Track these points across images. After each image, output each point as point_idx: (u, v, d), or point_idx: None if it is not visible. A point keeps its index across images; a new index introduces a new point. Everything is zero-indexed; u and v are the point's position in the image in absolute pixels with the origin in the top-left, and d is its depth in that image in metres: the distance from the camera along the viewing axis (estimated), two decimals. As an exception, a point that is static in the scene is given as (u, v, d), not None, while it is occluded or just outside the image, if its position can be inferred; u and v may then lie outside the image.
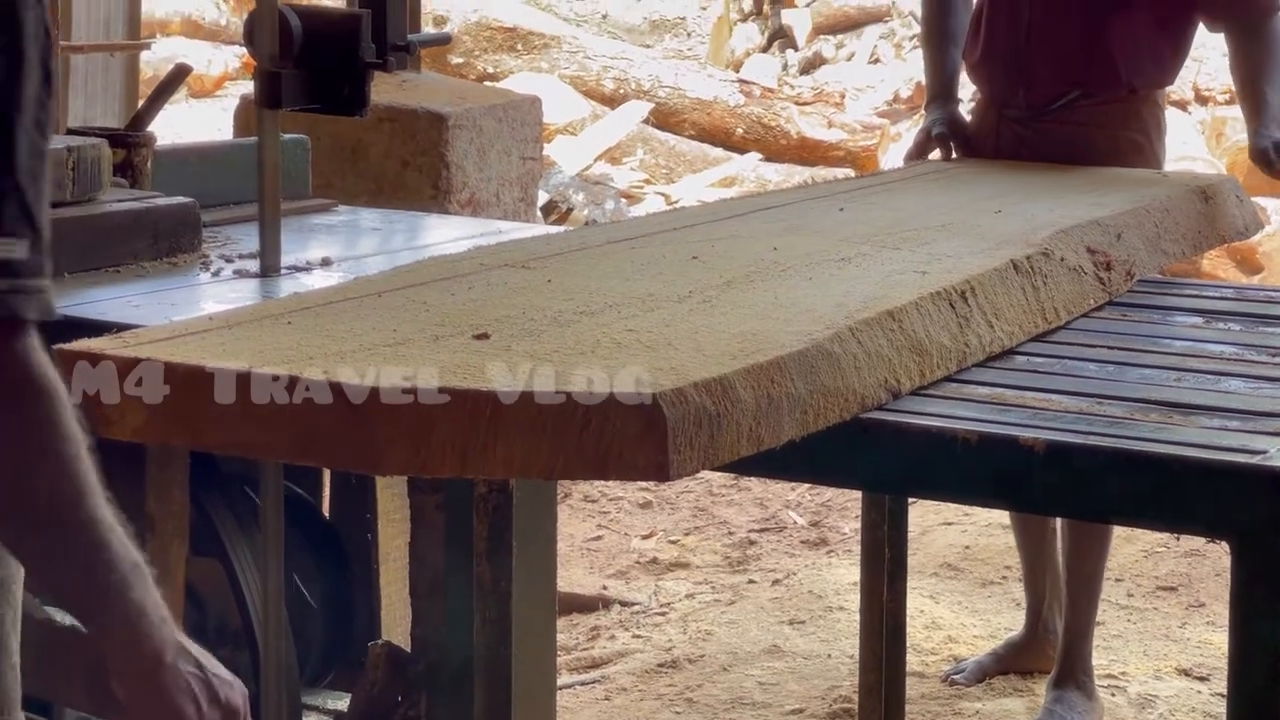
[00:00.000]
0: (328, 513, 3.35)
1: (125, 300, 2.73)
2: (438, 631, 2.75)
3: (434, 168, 5.00)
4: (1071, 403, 2.21)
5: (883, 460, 2.13)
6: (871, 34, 12.38)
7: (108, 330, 2.07)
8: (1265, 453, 1.99)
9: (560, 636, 4.19)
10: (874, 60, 12.18)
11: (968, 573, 5.04)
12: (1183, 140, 8.92)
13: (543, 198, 8.37)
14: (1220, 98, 10.04)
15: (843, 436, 2.07)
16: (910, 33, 12.08)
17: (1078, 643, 3.99)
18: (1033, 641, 4.24)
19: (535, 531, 2.76)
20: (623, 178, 9.79)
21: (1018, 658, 4.27)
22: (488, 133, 5.16)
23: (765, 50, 12.56)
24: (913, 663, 4.08)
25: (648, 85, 10.74)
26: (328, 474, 3.31)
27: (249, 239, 3.11)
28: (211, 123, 10.21)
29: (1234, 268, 8.23)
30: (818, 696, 4.21)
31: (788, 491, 5.79)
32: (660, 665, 4.42)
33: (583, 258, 2.58)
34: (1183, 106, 9.98)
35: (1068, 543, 3.99)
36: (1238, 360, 2.49)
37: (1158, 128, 3.95)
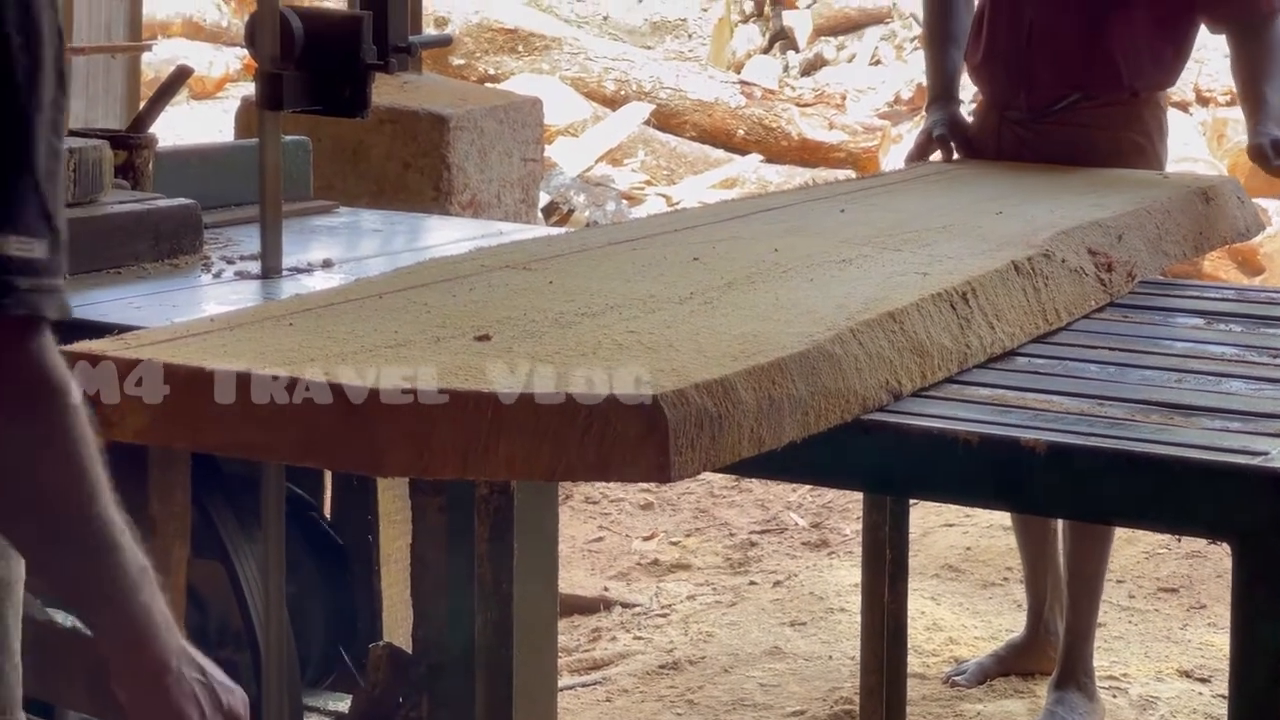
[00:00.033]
0: (329, 514, 3.35)
1: (126, 302, 2.73)
2: (439, 633, 2.75)
3: (435, 169, 4.99)
4: (1072, 404, 2.21)
5: (884, 461, 2.13)
6: (872, 35, 12.38)
7: (109, 332, 2.07)
8: (1266, 454, 1.99)
9: (561, 638, 4.20)
10: (875, 62, 12.17)
11: (969, 574, 5.04)
12: (1184, 141, 8.92)
13: (544, 199, 8.37)
14: (1221, 99, 10.04)
15: (844, 438, 2.07)
16: (911, 34, 12.08)
17: (1079, 644, 3.99)
18: (1034, 643, 4.24)
19: (536, 533, 2.76)
20: (624, 179, 9.80)
21: (1019, 659, 4.26)
22: (489, 134, 5.16)
23: (766, 52, 12.56)
24: (914, 664, 4.08)
25: (649, 87, 10.74)
26: (329, 475, 3.31)
27: (250, 240, 3.11)
28: (213, 124, 10.22)
29: (1235, 269, 8.23)
30: (819, 698, 4.21)
31: (789, 493, 5.79)
32: (661, 667, 4.42)
33: (584, 259, 2.58)
34: (1184, 108, 9.98)
35: (1069, 544, 3.99)
36: (1239, 361, 2.49)
37: (1160, 129, 3.95)
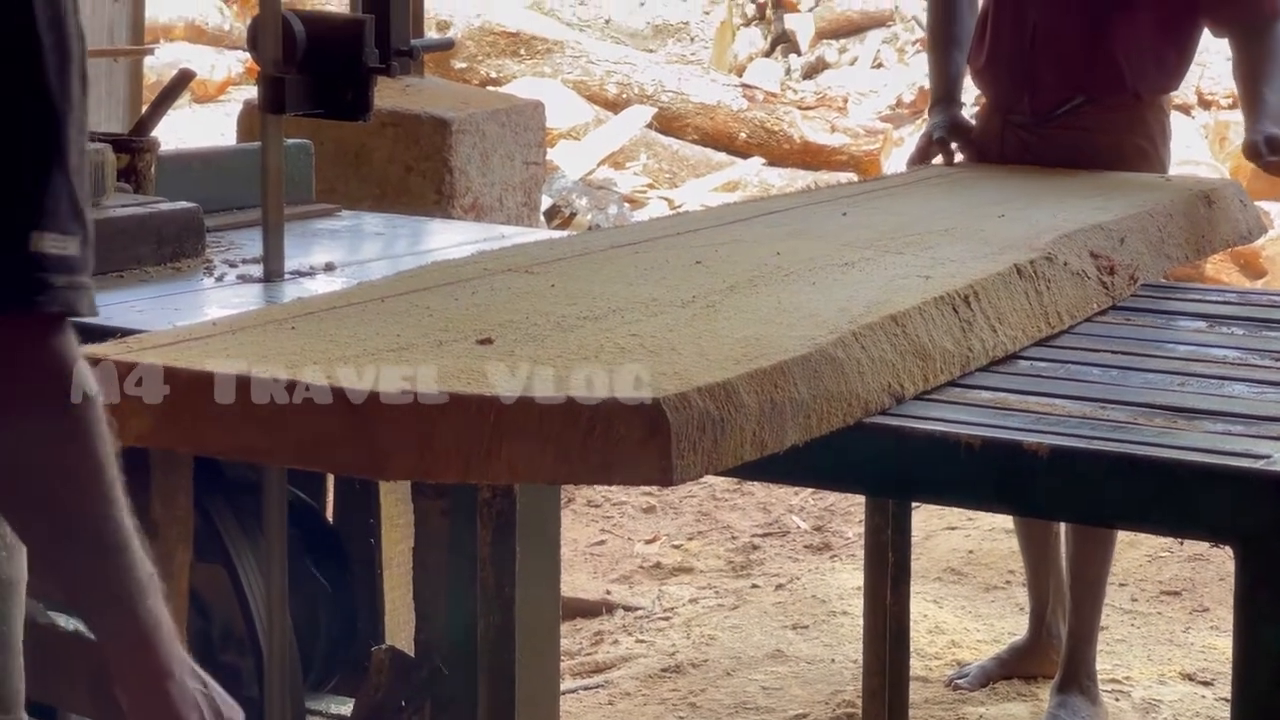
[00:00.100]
0: (331, 518, 3.35)
1: (129, 305, 2.73)
2: (441, 636, 2.75)
3: (437, 173, 5.00)
4: (1075, 407, 2.21)
5: (886, 465, 2.13)
6: (874, 38, 12.37)
7: (111, 335, 2.07)
8: (1269, 457, 1.99)
9: (564, 641, 4.19)
10: (877, 65, 12.17)
11: (971, 577, 5.04)
12: (1186, 144, 8.92)
13: (546, 202, 8.38)
14: (1223, 102, 10.04)
15: (846, 441, 2.07)
16: (913, 37, 12.08)
17: (1082, 647, 3.99)
18: (1036, 646, 4.24)
19: (539, 536, 2.76)
20: (626, 182, 9.80)
21: (1021, 662, 4.26)
22: (491, 137, 5.16)
23: (768, 55, 12.56)
24: (916, 667, 4.08)
25: (651, 90, 10.74)
26: (331, 479, 3.31)
27: (252, 244, 3.11)
28: (215, 128, 10.22)
29: (1237, 272, 8.23)
30: (821, 701, 4.21)
31: (791, 496, 5.79)
32: (664, 670, 4.42)
33: (586, 263, 2.58)
34: (1186, 111, 9.98)
35: (1071, 547, 3.98)
36: (1241, 365, 2.49)
37: (1163, 133, 3.95)
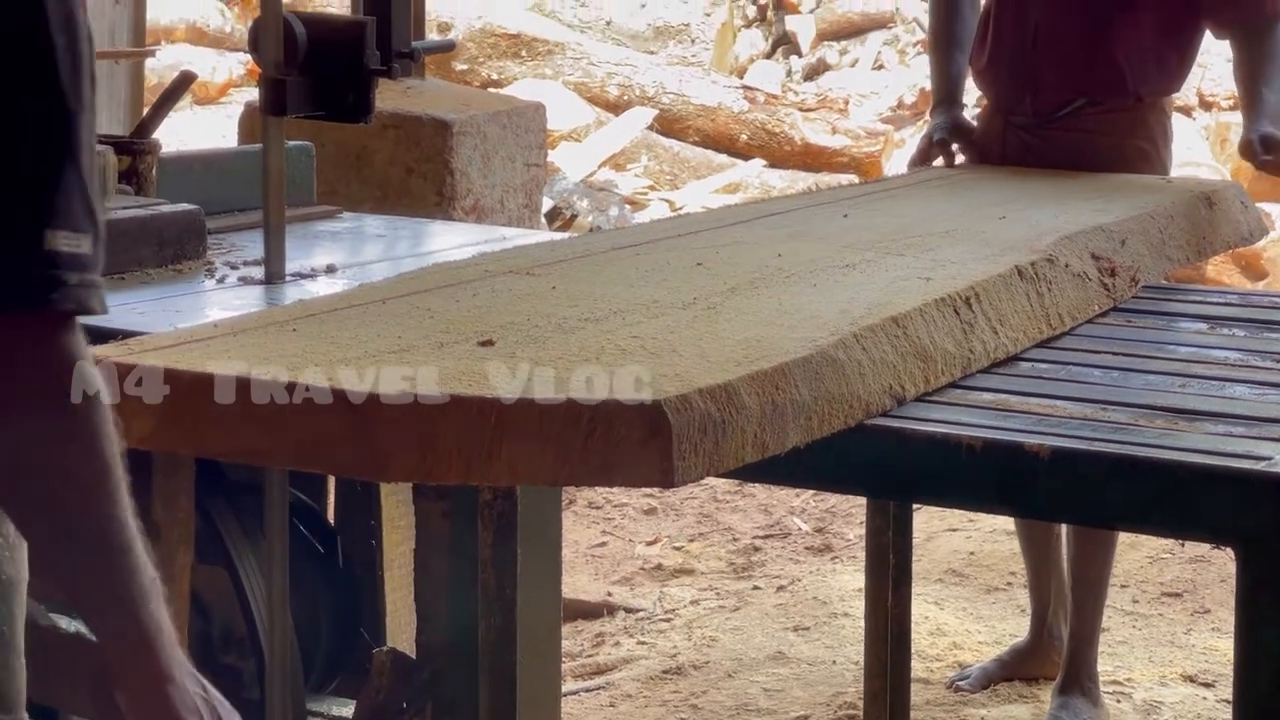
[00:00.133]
0: (332, 519, 3.35)
1: (130, 307, 2.73)
2: (443, 638, 2.75)
3: (438, 174, 5.00)
4: (1076, 409, 2.21)
5: (887, 466, 2.13)
6: (875, 40, 12.37)
7: (113, 337, 2.07)
8: (1270, 459, 1.99)
9: (565, 643, 4.19)
10: (878, 66, 12.17)
11: (972, 579, 5.04)
12: (1187, 146, 8.92)
13: (547, 204, 8.38)
14: (1224, 103, 10.04)
15: (847, 443, 2.07)
16: (914, 39, 12.08)
17: (1083, 649, 3.98)
18: (1038, 648, 4.24)
19: (540, 538, 2.76)
20: (627, 184, 9.80)
21: (1023, 664, 4.26)
22: (492, 139, 5.16)
23: (769, 56, 12.56)
24: (917, 669, 4.07)
25: (652, 92, 10.74)
26: (332, 481, 3.31)
27: (254, 246, 3.11)
28: (216, 130, 10.22)
29: (1239, 273, 8.23)
30: (822, 703, 4.21)
31: (792, 498, 5.79)
32: (665, 672, 4.42)
33: (587, 264, 2.58)
34: (1187, 112, 9.98)
35: (1073, 549, 3.98)
36: (1242, 366, 2.49)
37: (1164, 135, 3.95)
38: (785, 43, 12.62)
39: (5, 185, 1.48)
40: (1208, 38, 3.93)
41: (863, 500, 4.23)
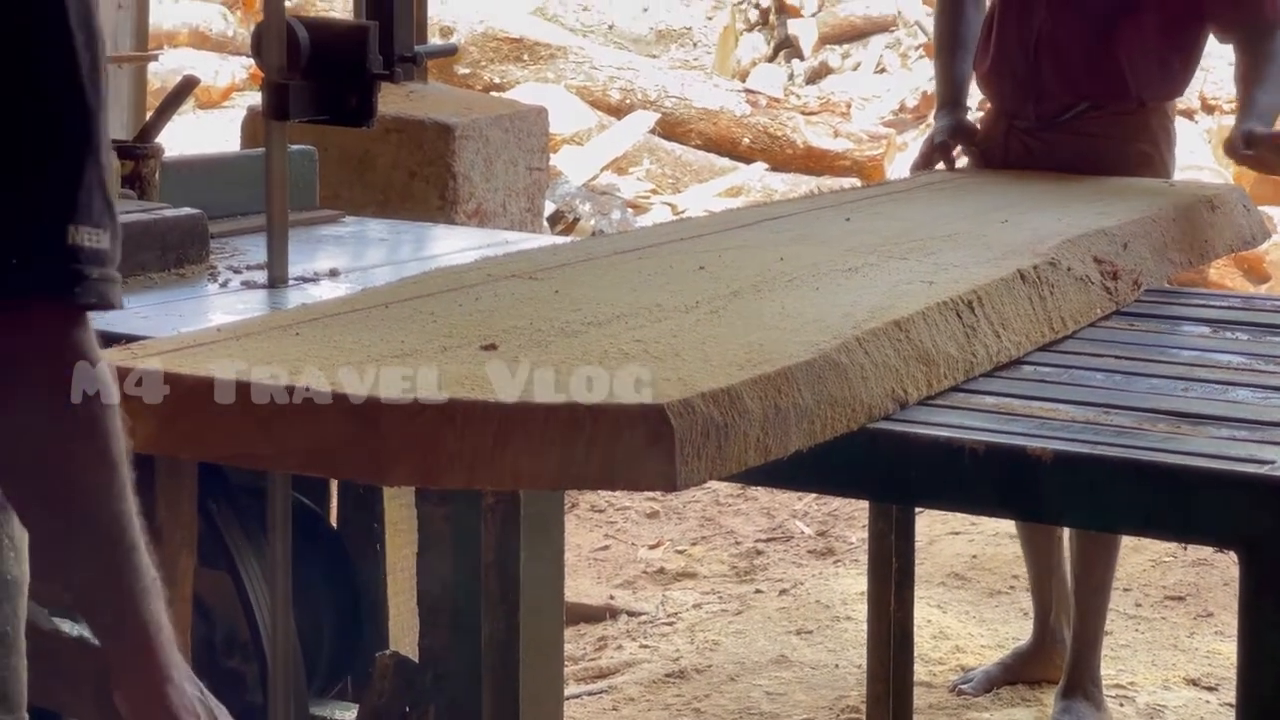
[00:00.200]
0: (335, 523, 3.35)
1: (133, 311, 2.73)
2: (445, 642, 2.75)
3: (441, 178, 5.00)
4: (1079, 412, 2.21)
5: (890, 470, 2.13)
6: (877, 44, 12.37)
7: (116, 341, 2.07)
8: (1273, 462, 1.99)
9: (568, 647, 4.19)
10: (880, 70, 12.17)
11: (975, 582, 5.04)
12: (1189, 150, 8.92)
13: (549, 208, 8.37)
14: (1227, 107, 10.03)
15: (850, 446, 2.07)
16: (916, 42, 12.08)
17: (1086, 652, 3.98)
18: (1040, 651, 4.24)
19: (543, 541, 2.76)
20: (629, 188, 9.79)
21: (1025, 667, 4.26)
22: (494, 143, 5.16)
23: (771, 60, 12.56)
24: (920, 673, 4.07)
25: (654, 95, 10.74)
26: (335, 485, 3.31)
27: (257, 250, 3.11)
28: (219, 134, 10.21)
29: (1241, 277, 8.23)
30: (825, 706, 4.21)
31: (794, 501, 5.79)
32: (667, 675, 4.42)
33: (590, 268, 2.58)
34: (1189, 116, 9.97)
35: (1076, 552, 3.98)
36: (1246, 370, 2.49)
37: (1167, 139, 3.95)
38: (787, 46, 12.62)
39: (30, 180, 1.50)
40: (1211, 41, 3.93)
41: (865, 504, 4.23)
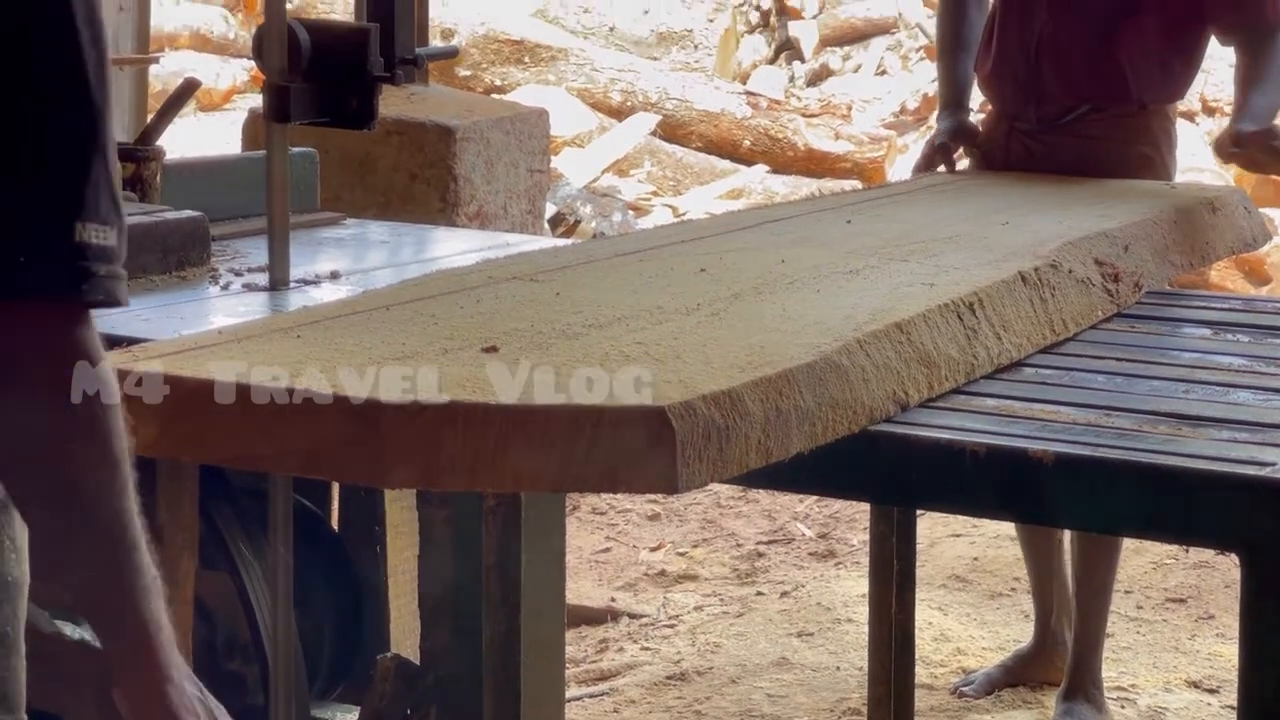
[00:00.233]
0: (336, 526, 3.35)
1: (134, 314, 2.73)
2: (446, 644, 2.75)
3: (442, 180, 5.00)
4: (1080, 414, 2.21)
5: (891, 472, 2.13)
6: (878, 46, 12.38)
7: (117, 344, 2.07)
8: (1274, 464, 1.99)
9: (569, 649, 4.19)
10: (880, 72, 12.18)
11: (976, 584, 5.04)
12: (1190, 152, 8.92)
13: (550, 210, 8.37)
14: (1228, 109, 10.01)
15: (851, 449, 2.07)
16: (917, 44, 12.08)
17: (1087, 655, 3.98)
18: (1041, 653, 4.24)
19: (544, 544, 2.76)
20: (630, 190, 9.80)
21: (1027, 670, 4.26)
22: (495, 145, 5.17)
23: (772, 62, 12.56)
24: (921, 675, 4.07)
25: (655, 97, 10.74)
26: (336, 487, 3.31)
27: (258, 252, 3.11)
28: (220, 137, 10.22)
29: (1242, 279, 8.23)
30: (826, 709, 4.21)
31: (796, 503, 5.79)
32: (669, 677, 4.42)
33: (591, 270, 2.58)
34: (1190, 118, 9.98)
35: (1077, 554, 3.98)
36: (1247, 372, 2.49)
37: (1168, 141, 3.95)
38: (788, 48, 12.63)
39: (37, 177, 1.51)
40: (1212, 44, 3.93)
41: (866, 506, 4.23)
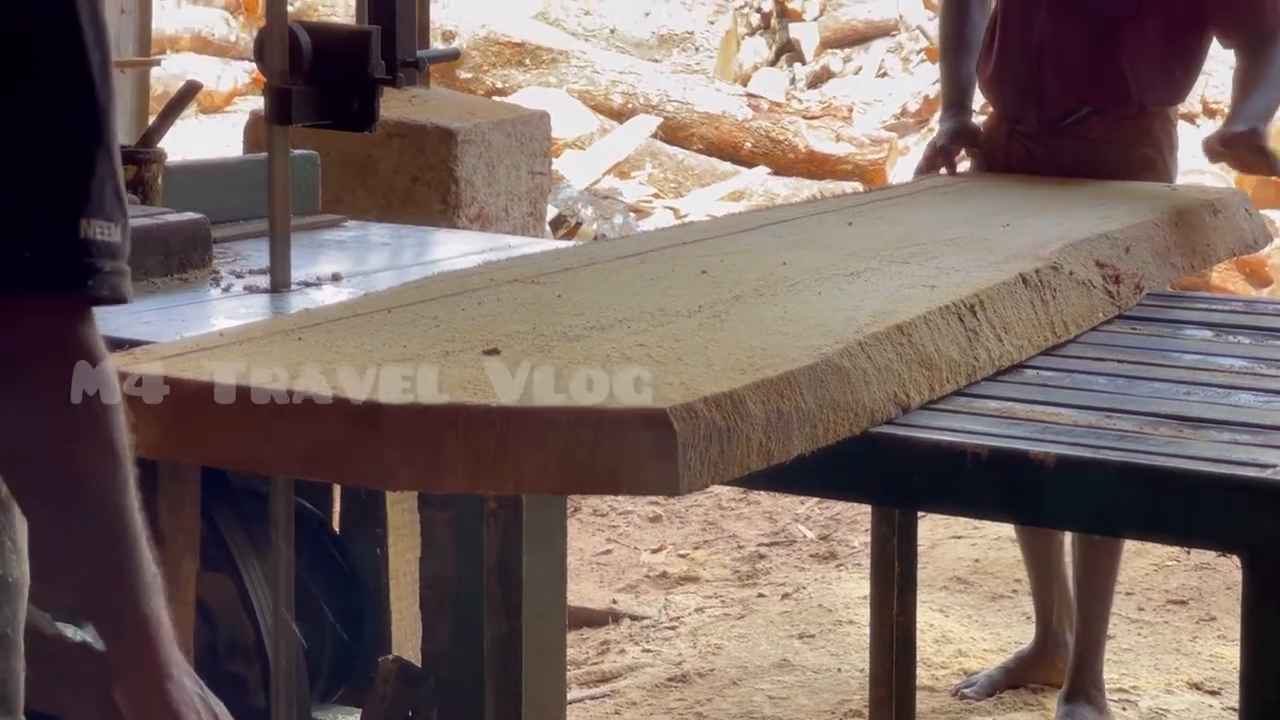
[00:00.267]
0: (338, 528, 3.35)
1: (136, 316, 2.73)
2: (448, 646, 2.75)
3: (443, 183, 5.00)
4: (1081, 416, 2.21)
5: (892, 474, 2.13)
6: (879, 48, 12.38)
7: (118, 346, 2.07)
8: (1276, 466, 1.99)
9: (570, 651, 4.19)
10: (881, 74, 12.18)
11: (977, 586, 5.04)
12: (1191, 154, 8.89)
13: (551, 212, 8.37)
14: (1228, 111, 10.02)
15: (852, 450, 2.07)
16: (917, 46, 12.09)
17: (1089, 657, 3.98)
18: (1043, 655, 4.24)
19: (545, 546, 2.76)
20: (631, 192, 9.80)
21: (1028, 671, 4.26)
22: (496, 147, 5.17)
23: (773, 64, 12.56)
24: (923, 676, 4.07)
25: (656, 99, 10.75)
26: (338, 489, 3.31)
27: (259, 255, 3.11)
28: (221, 139, 10.22)
29: (1243, 280, 8.23)
30: (827, 710, 4.21)
31: (797, 505, 5.79)
32: (670, 679, 4.41)
33: (592, 273, 2.58)
34: (1191, 120, 9.97)
35: (1078, 556, 3.98)
36: (1248, 374, 2.49)
37: (1170, 143, 3.95)
38: (789, 50, 12.63)
39: (43, 173, 1.51)
40: (1213, 45, 3.93)
41: (868, 508, 4.23)
